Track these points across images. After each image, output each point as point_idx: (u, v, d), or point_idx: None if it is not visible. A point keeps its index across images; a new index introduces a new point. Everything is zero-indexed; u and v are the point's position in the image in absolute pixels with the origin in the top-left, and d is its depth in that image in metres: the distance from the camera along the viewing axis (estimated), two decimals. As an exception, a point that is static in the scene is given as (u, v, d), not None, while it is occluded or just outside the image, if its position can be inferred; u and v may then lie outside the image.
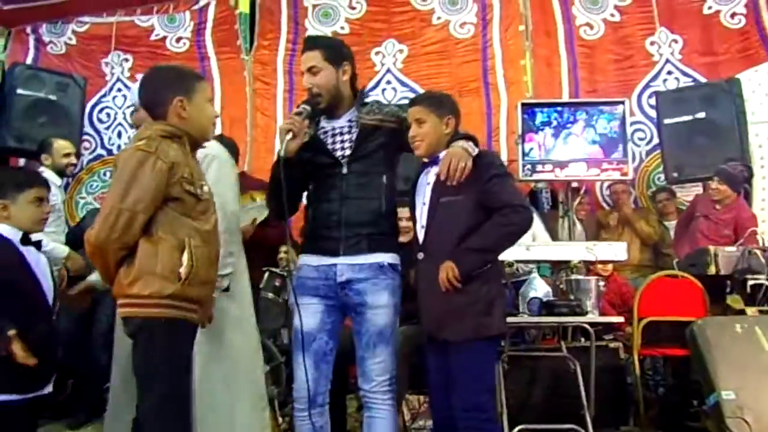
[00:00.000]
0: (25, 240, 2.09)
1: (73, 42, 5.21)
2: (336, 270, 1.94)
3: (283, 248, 3.63)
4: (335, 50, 2.04)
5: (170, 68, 2.06)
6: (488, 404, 1.88)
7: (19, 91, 4.35)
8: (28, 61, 5.01)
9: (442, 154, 1.97)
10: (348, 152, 1.98)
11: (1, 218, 2.05)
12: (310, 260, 1.99)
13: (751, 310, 2.89)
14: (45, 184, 2.21)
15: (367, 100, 2.15)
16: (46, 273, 2.16)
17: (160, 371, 1.72)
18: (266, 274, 3.40)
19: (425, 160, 2.04)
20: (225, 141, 3.47)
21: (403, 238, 2.82)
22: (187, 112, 1.82)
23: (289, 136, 1.88)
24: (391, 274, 1.96)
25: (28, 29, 5.15)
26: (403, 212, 2.83)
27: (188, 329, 1.80)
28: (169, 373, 1.74)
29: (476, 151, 1.90)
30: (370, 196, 1.97)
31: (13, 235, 2.06)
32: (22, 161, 4.67)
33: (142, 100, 1.90)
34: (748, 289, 3.02)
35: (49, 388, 2.08)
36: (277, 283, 3.41)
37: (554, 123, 4.25)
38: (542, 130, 4.24)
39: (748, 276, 3.00)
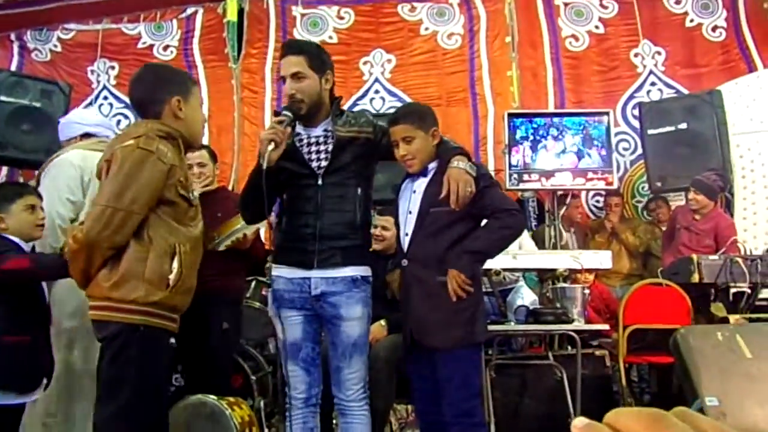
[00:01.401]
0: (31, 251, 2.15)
1: (59, 49, 5.17)
2: (310, 283, 1.96)
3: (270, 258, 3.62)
4: (320, 58, 2.02)
5: (167, 67, 2.06)
6: (477, 409, 1.92)
7: (3, 97, 4.28)
8: (12, 68, 4.96)
9: (431, 165, 1.99)
10: (324, 163, 1.98)
11: (1, 230, 2.09)
12: (283, 272, 2.00)
13: (733, 318, 2.93)
14: (35, 192, 2.23)
15: (344, 108, 2.14)
16: (46, 284, 2.18)
17: (128, 380, 1.67)
18: (252, 284, 3.38)
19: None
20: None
21: (376, 246, 2.83)
22: (183, 112, 1.80)
23: (272, 146, 1.85)
24: (364, 286, 1.99)
25: (12, 36, 5.10)
26: (379, 220, 2.85)
27: (165, 339, 1.77)
28: (138, 383, 1.68)
29: (475, 171, 1.90)
30: (345, 208, 1.97)
31: (22, 244, 2.12)
32: (5, 169, 4.61)
33: (135, 96, 1.86)
34: (731, 297, 3.08)
35: (37, 394, 2.09)
36: (264, 293, 3.39)
37: (540, 133, 4.30)
38: (528, 140, 4.30)
39: (731, 284, 3.05)
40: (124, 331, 1.68)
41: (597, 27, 5.10)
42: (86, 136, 2.59)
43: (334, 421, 2.68)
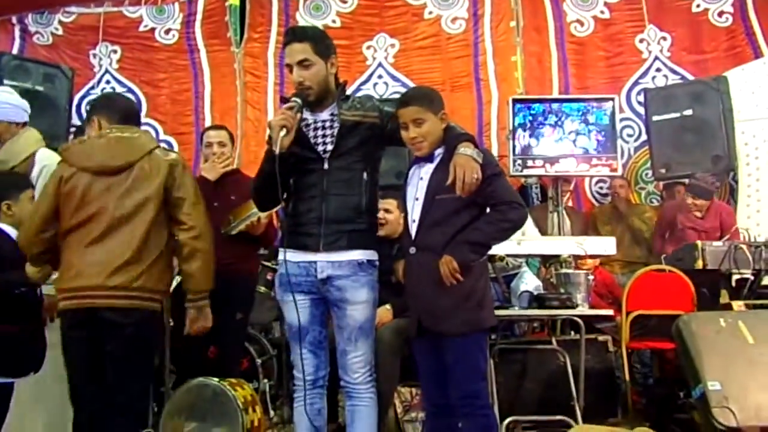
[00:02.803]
0: None
1: (60, 33, 5.13)
2: (316, 266, 1.97)
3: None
4: (324, 43, 2.02)
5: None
6: (483, 392, 1.94)
7: (6, 81, 4.27)
8: (14, 51, 4.93)
9: (438, 151, 1.98)
10: (329, 147, 1.98)
11: (6, 217, 2.16)
12: (290, 256, 2.01)
13: (736, 304, 2.94)
14: (32, 185, 2.31)
15: (348, 93, 2.13)
16: None
17: (149, 359, 2.03)
18: (258, 268, 3.39)
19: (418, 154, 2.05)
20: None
21: (380, 231, 2.84)
22: None
23: (283, 132, 1.87)
24: (370, 270, 2.01)
25: (14, 19, 5.06)
26: (381, 204, 2.85)
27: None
28: (152, 360, 2.07)
29: (482, 157, 1.90)
30: (350, 192, 1.98)
31: (12, 233, 2.20)
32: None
33: (130, 106, 2.23)
34: (734, 284, 3.09)
35: (27, 378, 2.21)
36: (269, 277, 3.41)
37: (544, 118, 4.28)
38: (532, 125, 4.28)
39: (734, 270, 3.06)
40: (148, 318, 1.95)
41: (602, 12, 5.04)
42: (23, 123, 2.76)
43: (339, 404, 2.71)
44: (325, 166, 1.98)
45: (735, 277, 3.10)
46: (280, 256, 2.04)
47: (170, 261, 2.03)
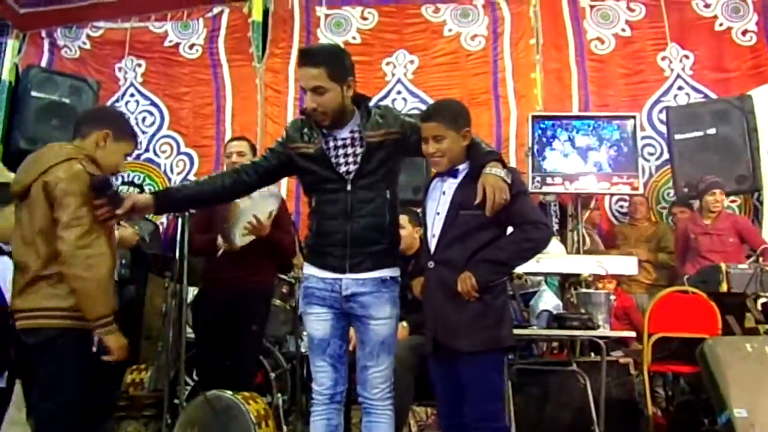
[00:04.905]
0: None
1: (88, 47, 5.26)
2: (341, 284, 1.97)
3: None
4: (340, 66, 1.92)
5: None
6: (499, 413, 1.90)
7: (33, 93, 4.39)
8: (43, 64, 5.05)
9: (462, 167, 1.97)
10: (352, 167, 1.96)
11: None
12: (315, 272, 2.01)
13: (763, 328, 2.86)
14: None
15: (370, 105, 2.04)
16: (6, 276, 2.23)
17: (68, 377, 1.82)
18: (275, 280, 3.39)
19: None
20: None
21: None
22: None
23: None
24: (393, 286, 2.00)
25: (43, 33, 5.20)
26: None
27: (91, 339, 1.88)
28: (76, 380, 1.84)
29: (510, 177, 1.88)
30: (374, 213, 1.96)
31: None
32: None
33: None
34: (760, 307, 3.01)
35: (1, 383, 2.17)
36: (284, 290, 3.41)
37: (564, 136, 4.26)
38: (552, 142, 4.26)
39: (760, 294, 2.99)
40: (61, 335, 1.82)
41: (623, 30, 5.03)
42: None
43: (352, 421, 2.68)
44: (348, 187, 1.96)
45: (761, 300, 3.02)
46: (305, 270, 2.04)
47: None
